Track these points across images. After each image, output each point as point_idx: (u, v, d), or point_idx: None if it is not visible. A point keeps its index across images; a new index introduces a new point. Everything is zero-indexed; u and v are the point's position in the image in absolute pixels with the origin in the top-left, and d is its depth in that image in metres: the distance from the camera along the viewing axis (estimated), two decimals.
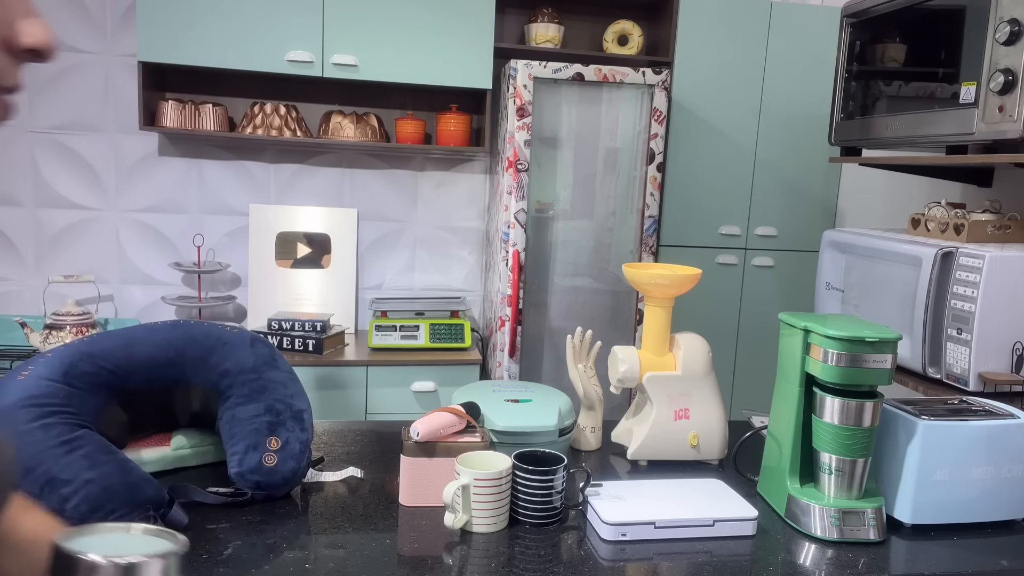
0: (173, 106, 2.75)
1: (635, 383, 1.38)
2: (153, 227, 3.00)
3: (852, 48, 1.98)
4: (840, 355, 1.11)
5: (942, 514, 1.18)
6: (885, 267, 1.81)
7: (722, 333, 3.03)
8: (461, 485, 1.06)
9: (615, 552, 1.06)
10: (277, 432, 1.16)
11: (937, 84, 1.67)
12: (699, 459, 1.39)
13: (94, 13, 2.85)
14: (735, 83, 2.90)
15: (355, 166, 3.09)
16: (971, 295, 1.55)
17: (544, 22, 2.89)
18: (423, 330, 2.81)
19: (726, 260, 2.99)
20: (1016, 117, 1.45)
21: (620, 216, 2.82)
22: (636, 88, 2.75)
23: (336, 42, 2.68)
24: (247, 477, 1.14)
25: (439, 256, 3.19)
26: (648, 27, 3.15)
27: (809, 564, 1.06)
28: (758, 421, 1.60)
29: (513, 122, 2.65)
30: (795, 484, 1.19)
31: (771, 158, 2.97)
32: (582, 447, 1.46)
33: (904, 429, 1.18)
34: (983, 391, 1.56)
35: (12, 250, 2.93)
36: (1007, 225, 1.72)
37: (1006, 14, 1.47)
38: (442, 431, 1.17)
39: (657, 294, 1.38)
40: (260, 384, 1.18)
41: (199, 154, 2.99)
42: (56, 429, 1.02)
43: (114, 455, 1.03)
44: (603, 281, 2.86)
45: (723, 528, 1.12)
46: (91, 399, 1.09)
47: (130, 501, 1.01)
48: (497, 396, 1.38)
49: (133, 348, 1.14)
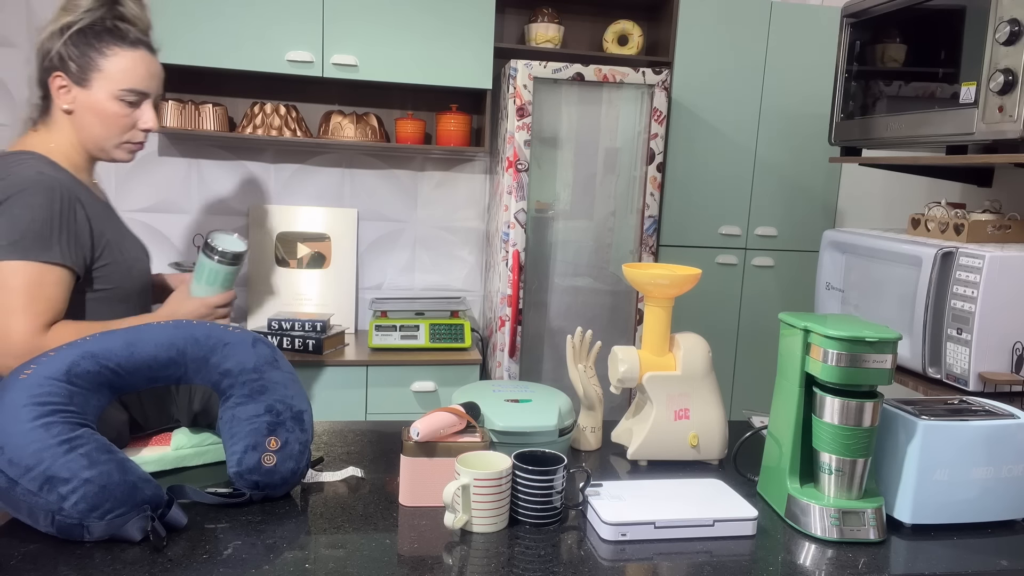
0: (173, 106, 2.75)
1: (635, 383, 1.38)
2: (153, 227, 3.00)
3: (852, 48, 1.98)
4: (840, 355, 1.11)
5: (942, 514, 1.18)
6: (885, 267, 1.81)
7: (722, 333, 3.03)
8: (461, 485, 1.06)
9: (615, 552, 1.06)
10: (277, 432, 1.16)
11: (937, 84, 1.67)
12: (699, 459, 1.40)
13: None
14: (735, 83, 2.90)
15: (355, 166, 3.09)
16: (971, 295, 1.55)
17: (544, 22, 2.89)
18: (423, 330, 2.81)
19: (726, 260, 2.99)
20: (1016, 117, 1.45)
21: (620, 216, 2.82)
22: (636, 88, 2.75)
23: (336, 42, 2.68)
24: (246, 477, 1.14)
25: (439, 256, 3.20)
26: (648, 27, 3.15)
27: (809, 564, 1.06)
28: (758, 421, 1.60)
29: (513, 122, 2.65)
30: (795, 484, 1.19)
31: (771, 158, 2.97)
32: (582, 447, 1.46)
33: (904, 429, 1.18)
34: (983, 391, 1.56)
35: None
36: (1007, 225, 1.72)
37: (1006, 14, 1.47)
38: (442, 431, 1.17)
39: (657, 294, 1.38)
40: (261, 384, 1.18)
41: (199, 154, 2.99)
42: (57, 428, 1.02)
43: (113, 455, 1.04)
44: (603, 281, 2.86)
45: (723, 528, 1.12)
46: (93, 398, 1.09)
47: (128, 501, 1.01)
48: (497, 396, 1.38)
49: (135, 347, 1.14)
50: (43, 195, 1.30)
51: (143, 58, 1.42)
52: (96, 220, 1.39)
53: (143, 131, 1.46)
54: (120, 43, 1.40)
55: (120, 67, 1.40)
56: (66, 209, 1.32)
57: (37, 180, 1.31)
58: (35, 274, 1.27)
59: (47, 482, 0.99)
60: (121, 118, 1.42)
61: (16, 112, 2.85)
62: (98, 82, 1.39)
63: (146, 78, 1.43)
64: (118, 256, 1.43)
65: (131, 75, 1.41)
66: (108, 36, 1.39)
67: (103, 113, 1.41)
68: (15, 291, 1.26)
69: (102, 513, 1.00)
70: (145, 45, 1.44)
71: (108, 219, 1.45)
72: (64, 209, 1.32)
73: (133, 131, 1.45)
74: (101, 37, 1.39)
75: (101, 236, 1.39)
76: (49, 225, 1.30)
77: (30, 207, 1.28)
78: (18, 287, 1.26)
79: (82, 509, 0.99)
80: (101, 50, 1.38)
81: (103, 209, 1.45)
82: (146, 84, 1.43)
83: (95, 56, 1.38)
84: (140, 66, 1.42)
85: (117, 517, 1.00)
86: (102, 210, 1.44)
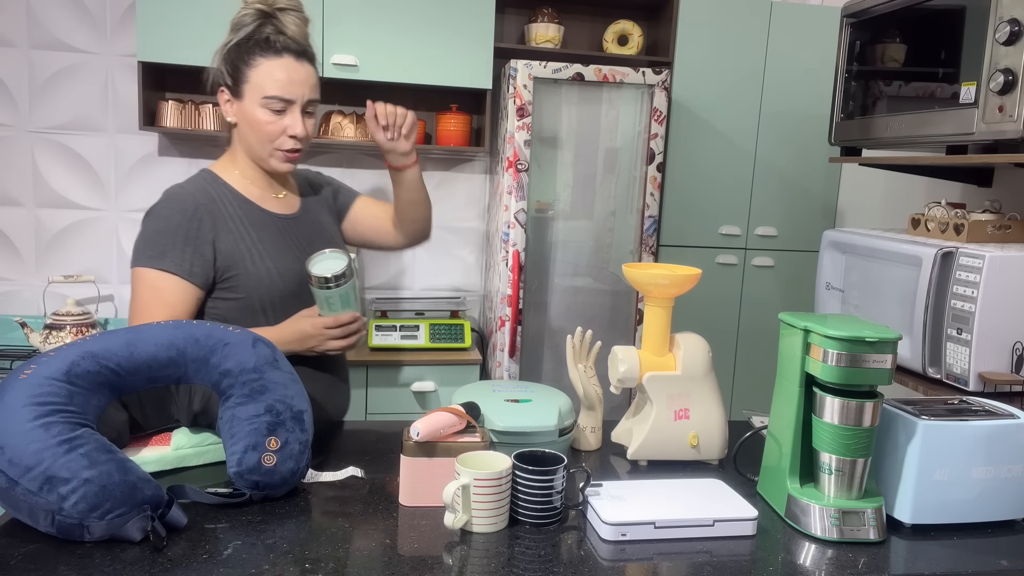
0: (173, 106, 2.75)
1: (635, 383, 1.38)
2: None
3: (852, 48, 1.98)
4: (840, 355, 1.11)
5: (942, 514, 1.18)
6: (885, 267, 1.81)
7: (722, 333, 3.03)
8: (461, 485, 1.06)
9: (615, 552, 1.06)
10: (277, 432, 1.16)
11: (937, 84, 1.67)
12: (699, 459, 1.40)
13: (94, 13, 2.85)
14: (735, 83, 2.90)
15: (355, 166, 3.09)
16: (971, 295, 1.55)
17: (544, 22, 2.89)
18: (423, 330, 2.81)
19: (726, 260, 2.99)
20: (1016, 117, 1.45)
21: (620, 216, 2.82)
22: (636, 88, 2.75)
23: (336, 42, 2.68)
24: (246, 477, 1.14)
25: (439, 256, 3.19)
26: (648, 27, 3.15)
27: (809, 564, 1.06)
28: (758, 421, 1.60)
29: (513, 122, 2.65)
30: (795, 484, 1.19)
31: (771, 158, 2.97)
32: (582, 447, 1.46)
33: (904, 429, 1.18)
34: (983, 391, 1.56)
35: (12, 250, 2.93)
36: (1007, 225, 1.72)
37: (1006, 14, 1.47)
38: (442, 431, 1.17)
39: (657, 294, 1.38)
40: (261, 384, 1.18)
41: (199, 154, 2.99)
42: (57, 428, 1.02)
43: (113, 455, 1.04)
44: (603, 281, 2.86)
45: (723, 528, 1.12)
46: (93, 398, 1.09)
47: (128, 501, 1.01)
48: (497, 396, 1.38)
49: (135, 347, 1.15)
50: (168, 208, 1.42)
51: (286, 65, 1.44)
52: (226, 233, 1.44)
53: (291, 138, 1.46)
54: (265, 53, 1.44)
55: (263, 75, 1.43)
56: (188, 222, 1.41)
57: (171, 195, 1.45)
58: (154, 280, 1.39)
59: (47, 482, 0.99)
60: (268, 125, 1.45)
61: (16, 112, 2.85)
62: (248, 93, 1.45)
63: (287, 84, 1.44)
64: (250, 268, 1.44)
65: (272, 82, 1.43)
66: (256, 48, 1.44)
67: (253, 122, 1.45)
68: (139, 295, 1.40)
69: (102, 513, 1.00)
70: (293, 53, 1.45)
71: (256, 230, 1.47)
72: (185, 222, 1.41)
73: (282, 138, 1.47)
74: (251, 50, 1.44)
75: (231, 248, 1.43)
76: (168, 236, 1.40)
77: (156, 219, 1.42)
78: (142, 291, 1.40)
79: (82, 509, 0.99)
80: (248, 62, 1.44)
81: (261, 220, 1.49)
82: (288, 91, 1.44)
83: (244, 68, 1.45)
84: (282, 73, 1.43)
85: (117, 517, 1.01)
86: (255, 222, 1.48)
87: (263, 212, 1.51)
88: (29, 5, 2.81)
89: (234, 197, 1.49)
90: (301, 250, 1.52)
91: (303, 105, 1.47)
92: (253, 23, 1.45)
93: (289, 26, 1.47)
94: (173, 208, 1.42)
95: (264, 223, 1.49)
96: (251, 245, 1.46)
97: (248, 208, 1.49)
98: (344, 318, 1.42)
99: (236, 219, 1.46)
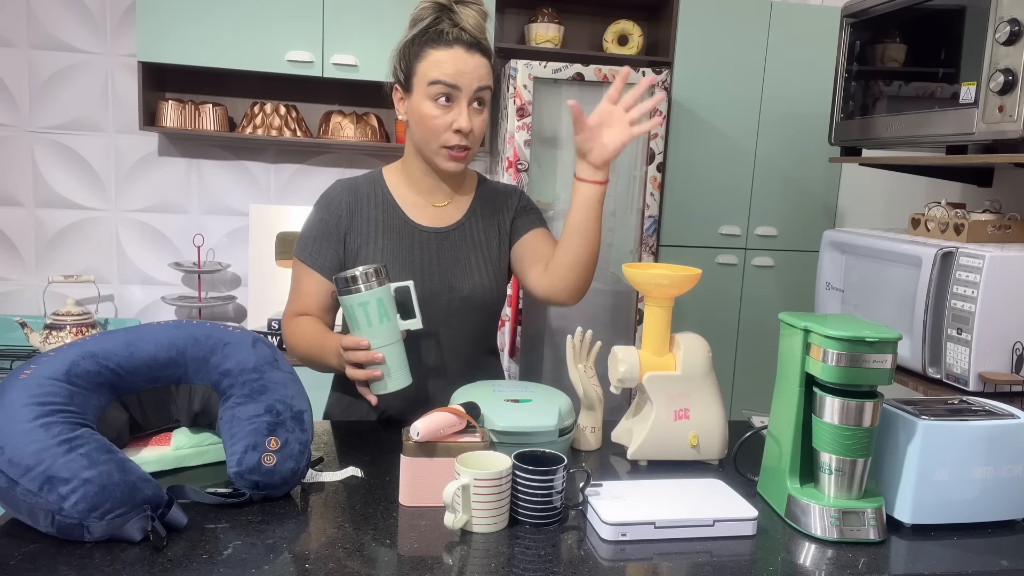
0: (173, 106, 2.75)
1: (635, 383, 1.38)
2: (153, 227, 3.00)
3: (852, 48, 1.98)
4: (840, 355, 1.11)
5: (942, 514, 1.18)
6: (885, 267, 1.81)
7: (722, 333, 3.03)
8: (461, 485, 1.06)
9: (615, 552, 1.06)
10: (277, 432, 1.16)
11: (937, 84, 1.67)
12: (699, 459, 1.40)
13: (94, 13, 2.85)
14: (735, 83, 2.90)
15: (355, 166, 3.09)
16: (971, 295, 1.55)
17: (544, 22, 2.89)
18: None
19: (726, 260, 2.99)
20: (1016, 117, 1.45)
21: (620, 216, 2.82)
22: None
23: (336, 42, 2.68)
24: (245, 477, 1.14)
25: None
26: (648, 27, 3.15)
27: (809, 564, 1.06)
28: (758, 421, 1.60)
29: (513, 122, 2.65)
30: (795, 484, 1.19)
31: (771, 158, 2.97)
32: (582, 447, 1.46)
33: (904, 429, 1.18)
34: (983, 391, 1.56)
35: (12, 250, 2.93)
36: (1007, 225, 1.72)
37: (1006, 14, 1.47)
38: (442, 431, 1.17)
39: (657, 294, 1.38)
40: (261, 384, 1.18)
41: (199, 154, 2.99)
42: (57, 428, 1.02)
43: (113, 455, 1.04)
44: (603, 281, 2.86)
45: (723, 528, 1.12)
46: (93, 398, 1.09)
47: (128, 501, 1.01)
48: (497, 396, 1.38)
49: (135, 347, 1.15)
50: (320, 201, 1.52)
51: (455, 55, 1.39)
52: (356, 234, 1.48)
53: (456, 132, 1.41)
54: (436, 45, 1.40)
55: (430, 64, 1.40)
56: (328, 218, 1.49)
57: (329, 187, 1.54)
58: (296, 268, 1.51)
59: (47, 482, 0.99)
60: (433, 119, 1.40)
61: (16, 112, 2.85)
62: (416, 85, 1.42)
63: (453, 74, 1.38)
64: None
65: (436, 69, 1.38)
66: (429, 41, 1.41)
67: (419, 115, 1.42)
68: (291, 283, 1.52)
69: (102, 513, 1.00)
70: (464, 44, 1.40)
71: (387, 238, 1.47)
72: (326, 218, 1.49)
73: (448, 134, 1.41)
74: (424, 44, 1.41)
75: (355, 250, 1.47)
76: (311, 228, 1.50)
77: (312, 210, 1.53)
78: (292, 275, 1.52)
79: (82, 509, 0.99)
80: (419, 55, 1.41)
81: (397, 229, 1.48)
82: (453, 78, 1.38)
83: (414, 63, 1.42)
84: (448, 62, 1.39)
85: (117, 517, 1.00)
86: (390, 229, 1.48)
87: (404, 221, 1.49)
88: (29, 5, 2.81)
89: (383, 200, 1.50)
90: (435, 265, 1.47)
91: (471, 97, 1.41)
92: (430, 17, 1.42)
93: (467, 19, 1.42)
94: (322, 201, 1.51)
95: (400, 232, 1.47)
96: (373, 251, 1.45)
97: (391, 214, 1.48)
98: (362, 341, 1.30)
99: (372, 222, 1.48)
